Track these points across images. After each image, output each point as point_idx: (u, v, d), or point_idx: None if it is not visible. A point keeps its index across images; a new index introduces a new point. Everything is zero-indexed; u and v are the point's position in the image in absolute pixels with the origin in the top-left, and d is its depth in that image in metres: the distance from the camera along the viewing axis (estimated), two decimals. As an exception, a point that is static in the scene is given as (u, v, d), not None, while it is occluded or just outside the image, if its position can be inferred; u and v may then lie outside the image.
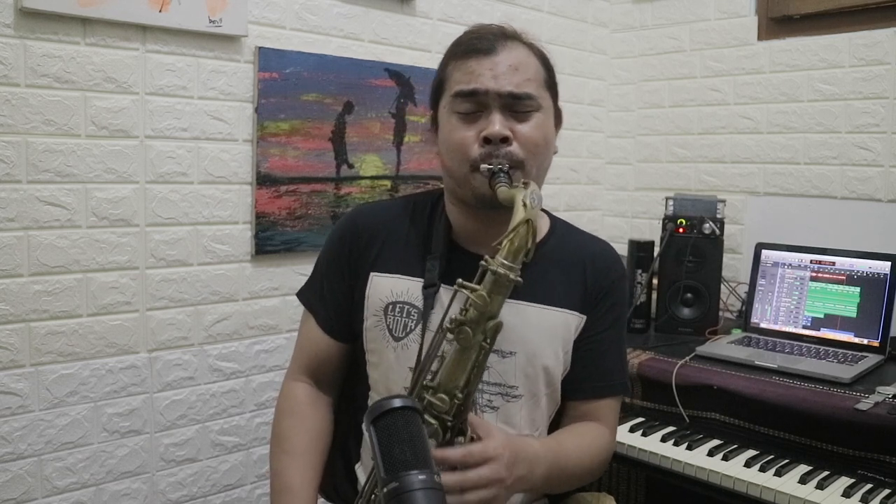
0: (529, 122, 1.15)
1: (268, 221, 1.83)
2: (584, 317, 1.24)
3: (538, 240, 1.24)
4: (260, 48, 1.77)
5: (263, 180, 1.81)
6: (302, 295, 1.33)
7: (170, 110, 1.67)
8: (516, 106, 1.14)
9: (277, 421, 1.29)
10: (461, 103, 1.15)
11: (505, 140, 1.12)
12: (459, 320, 1.01)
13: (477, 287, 1.01)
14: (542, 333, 1.20)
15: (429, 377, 1.05)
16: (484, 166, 1.12)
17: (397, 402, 0.91)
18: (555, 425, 1.28)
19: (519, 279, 1.01)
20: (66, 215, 1.55)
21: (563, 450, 1.17)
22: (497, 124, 1.12)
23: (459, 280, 1.02)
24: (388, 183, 2.04)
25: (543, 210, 1.32)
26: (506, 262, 1.00)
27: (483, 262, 1.01)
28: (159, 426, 1.72)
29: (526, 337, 1.18)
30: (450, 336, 1.02)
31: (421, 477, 0.84)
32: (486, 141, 1.12)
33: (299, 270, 1.89)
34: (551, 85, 1.22)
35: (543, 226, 1.29)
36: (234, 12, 1.70)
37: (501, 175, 1.10)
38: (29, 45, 1.48)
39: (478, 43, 1.16)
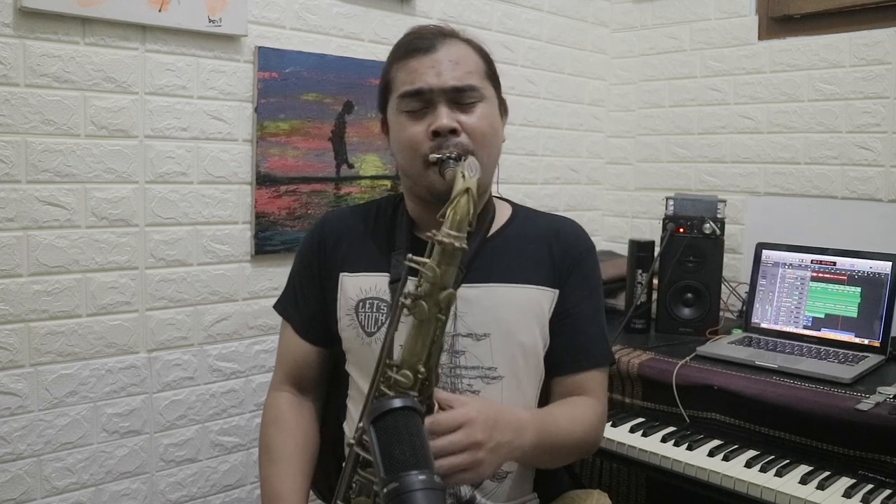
0: (475, 113, 1.19)
1: (267, 221, 1.83)
2: (556, 291, 1.26)
3: (502, 224, 1.29)
4: (260, 48, 1.77)
5: (263, 180, 1.81)
6: (278, 305, 1.38)
7: (169, 110, 1.67)
8: (460, 98, 1.18)
9: (263, 431, 1.32)
10: (408, 103, 1.19)
11: (453, 131, 1.16)
12: (414, 295, 1.02)
13: (426, 260, 1.02)
14: (514, 311, 1.22)
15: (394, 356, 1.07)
16: (433, 156, 1.15)
17: (397, 403, 0.91)
18: (543, 405, 1.28)
19: (465, 246, 1.02)
20: (66, 215, 1.55)
21: (551, 417, 1.18)
22: (444, 117, 1.16)
23: (409, 255, 1.04)
24: (388, 183, 2.03)
25: (506, 200, 1.36)
26: (451, 231, 1.02)
27: (429, 235, 1.03)
28: (159, 426, 1.72)
29: (498, 317, 1.21)
30: (406, 313, 1.04)
31: (421, 477, 0.83)
32: (436, 134, 1.16)
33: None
34: (492, 76, 1.26)
35: (506, 212, 1.33)
36: (233, 12, 1.70)
37: (451, 162, 1.13)
38: (28, 44, 1.47)
39: (418, 42, 1.21)
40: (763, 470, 1.48)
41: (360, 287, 1.26)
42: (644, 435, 1.66)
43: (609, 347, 1.33)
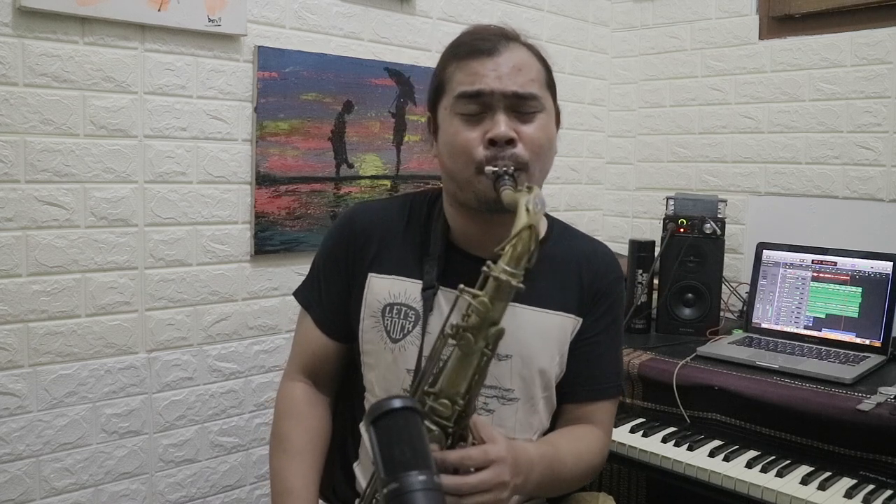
0: (534, 124, 1.13)
1: (267, 221, 1.83)
2: (581, 319, 1.23)
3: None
4: (259, 47, 1.77)
5: (263, 180, 1.80)
6: (299, 294, 1.33)
7: (169, 110, 1.66)
8: (520, 107, 1.13)
9: (276, 422, 1.29)
10: (465, 105, 1.13)
11: (510, 142, 1.11)
12: (461, 326, 0.99)
13: (479, 293, 0.99)
14: (537, 337, 1.19)
15: (430, 381, 1.04)
16: (489, 168, 1.10)
17: (397, 403, 0.90)
18: (549, 428, 1.27)
19: (521, 286, 0.99)
20: (65, 215, 1.55)
21: (558, 456, 1.16)
22: (503, 125, 1.10)
23: (462, 286, 1.00)
24: (387, 182, 2.03)
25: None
26: (508, 268, 0.98)
27: (485, 269, 0.99)
28: (158, 427, 1.72)
29: (522, 340, 1.18)
30: (451, 342, 1.01)
31: (421, 478, 0.83)
32: (492, 143, 1.10)
33: (299, 270, 1.88)
34: (551, 85, 1.21)
35: (542, 228, 1.27)
36: (233, 11, 1.69)
37: (506, 178, 1.08)
38: (27, 44, 1.47)
39: (480, 44, 1.14)
40: (764, 470, 1.48)
41: (388, 290, 1.21)
42: (644, 435, 1.65)
43: (622, 380, 1.31)
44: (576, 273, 1.24)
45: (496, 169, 1.09)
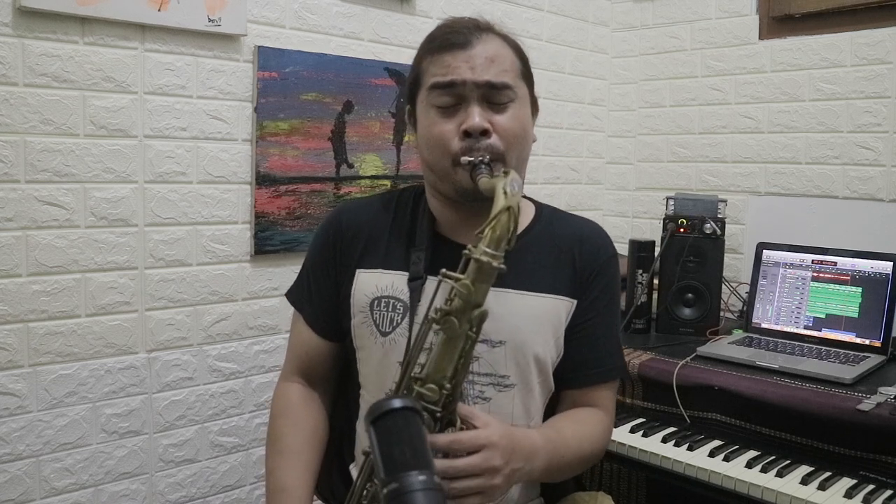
0: (507, 113, 1.15)
1: (267, 221, 1.83)
2: (575, 301, 1.23)
3: (524, 227, 1.25)
4: (259, 47, 1.77)
5: (263, 180, 1.80)
6: (290, 295, 1.34)
7: (169, 110, 1.66)
8: (494, 97, 1.14)
9: (272, 422, 1.30)
10: (439, 96, 1.15)
11: (485, 133, 1.12)
12: (445, 310, 0.99)
13: (461, 276, 1.00)
14: (531, 321, 1.19)
15: (417, 369, 1.04)
16: (465, 158, 1.12)
17: (397, 403, 0.90)
18: (551, 412, 1.27)
19: (502, 266, 1.00)
20: (65, 215, 1.55)
21: (562, 439, 1.16)
22: (476, 116, 1.12)
23: (443, 270, 1.01)
24: (387, 182, 2.03)
25: (529, 198, 1.33)
26: (489, 249, 0.99)
27: (466, 251, 1.00)
28: (158, 427, 1.72)
29: (515, 325, 1.18)
30: (436, 326, 1.01)
31: (421, 478, 0.83)
32: (466, 134, 1.12)
33: (298, 270, 1.88)
34: (527, 75, 1.23)
35: (529, 213, 1.29)
36: (233, 11, 1.69)
37: (483, 167, 1.10)
38: (27, 44, 1.47)
39: (452, 37, 1.16)
40: (764, 470, 1.48)
41: (376, 285, 1.22)
42: (644, 435, 1.65)
43: (622, 361, 1.30)
44: (568, 255, 1.24)
45: (472, 159, 1.11)
